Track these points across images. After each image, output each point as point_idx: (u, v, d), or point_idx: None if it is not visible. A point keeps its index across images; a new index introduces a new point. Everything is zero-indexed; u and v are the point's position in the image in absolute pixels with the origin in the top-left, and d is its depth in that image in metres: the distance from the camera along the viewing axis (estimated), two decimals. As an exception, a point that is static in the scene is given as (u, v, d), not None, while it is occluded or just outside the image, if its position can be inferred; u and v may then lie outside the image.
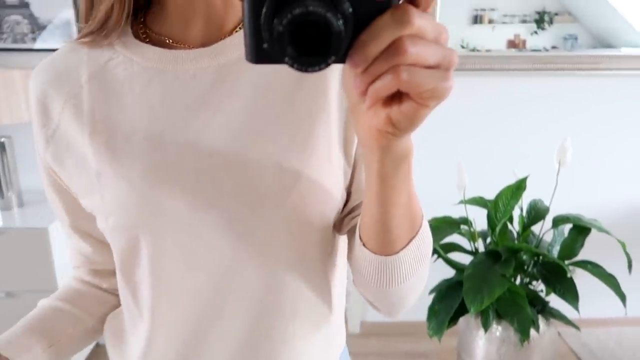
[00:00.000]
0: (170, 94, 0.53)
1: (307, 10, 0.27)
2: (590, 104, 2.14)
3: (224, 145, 0.51)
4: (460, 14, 2.39)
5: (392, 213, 0.43)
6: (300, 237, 0.54)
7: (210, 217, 0.51)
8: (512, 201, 1.68)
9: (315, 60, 0.28)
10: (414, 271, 0.49)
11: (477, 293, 1.55)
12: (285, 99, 0.52)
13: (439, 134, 2.15)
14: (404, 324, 2.33)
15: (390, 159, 0.38)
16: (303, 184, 0.51)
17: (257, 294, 0.54)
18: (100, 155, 0.52)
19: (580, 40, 2.41)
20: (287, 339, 0.57)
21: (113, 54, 0.55)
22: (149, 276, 0.55)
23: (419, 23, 0.29)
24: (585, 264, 1.67)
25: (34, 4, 1.90)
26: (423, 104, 0.32)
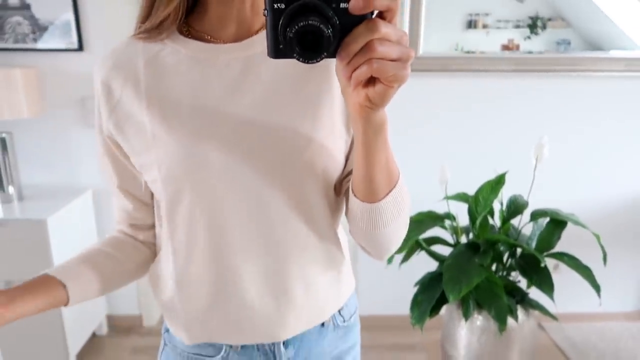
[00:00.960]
0: (209, 76, 0.68)
1: (307, 23, 0.43)
2: (572, 104, 2.20)
3: (252, 115, 0.67)
4: (455, 19, 2.45)
5: (374, 169, 0.59)
6: (312, 187, 0.69)
7: (243, 168, 0.66)
8: (491, 195, 1.74)
9: (313, 55, 0.44)
10: (394, 217, 0.65)
11: (456, 282, 1.61)
12: (297, 83, 0.69)
13: (425, 133, 2.21)
14: (392, 317, 2.39)
15: (370, 127, 0.54)
16: (314, 145, 0.67)
17: (278, 230, 0.70)
18: (155, 120, 0.68)
19: (573, 44, 2.47)
20: (302, 265, 0.72)
21: (163, 46, 0.70)
22: (189, 217, 0.69)
23: (385, 30, 0.44)
24: (562, 256, 1.73)
25: (35, 6, 1.98)
26: (389, 85, 0.47)
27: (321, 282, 0.75)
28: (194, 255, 0.71)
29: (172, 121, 0.67)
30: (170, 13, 0.67)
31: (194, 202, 0.68)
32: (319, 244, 0.73)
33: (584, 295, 2.12)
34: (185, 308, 0.75)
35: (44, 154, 2.17)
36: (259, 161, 0.66)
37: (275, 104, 0.67)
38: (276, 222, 0.69)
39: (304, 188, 0.69)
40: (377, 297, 2.39)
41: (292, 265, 0.71)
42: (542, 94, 2.19)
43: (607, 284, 1.82)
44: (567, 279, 1.99)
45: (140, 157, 0.70)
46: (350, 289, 0.84)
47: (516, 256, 1.79)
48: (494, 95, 2.19)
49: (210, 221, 0.69)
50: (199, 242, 0.70)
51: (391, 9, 0.45)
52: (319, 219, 0.72)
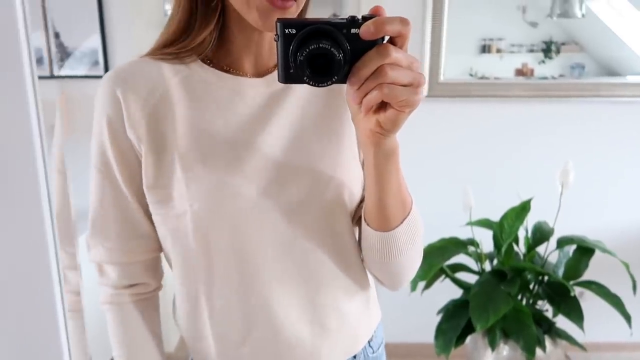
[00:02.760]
0: (239, 108, 0.68)
1: (318, 47, 0.43)
2: (593, 129, 2.19)
3: (280, 148, 0.67)
4: (468, 43, 2.47)
5: (386, 196, 0.59)
6: (339, 216, 0.69)
7: (272, 201, 0.66)
8: (516, 222, 1.73)
9: (324, 78, 0.45)
10: (409, 245, 0.64)
11: (483, 311, 1.59)
12: (319, 116, 0.70)
13: (447, 157, 2.21)
14: (414, 345, 2.34)
15: (381, 153, 0.54)
16: (339, 174, 0.67)
17: (309, 261, 0.69)
18: (187, 151, 0.65)
19: (587, 69, 2.47)
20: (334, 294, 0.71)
21: (190, 71, 0.68)
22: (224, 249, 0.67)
23: (395, 56, 0.44)
24: (590, 284, 1.70)
25: (63, 34, 2.03)
26: (401, 110, 0.47)
27: (353, 311, 0.74)
28: (227, 290, 0.69)
29: (205, 152, 0.65)
30: (206, 38, 0.66)
31: (229, 237, 0.67)
32: (348, 272, 0.72)
33: (611, 323, 2.07)
34: (218, 344, 0.72)
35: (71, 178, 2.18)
36: (287, 195, 0.66)
37: (300, 137, 0.67)
38: (307, 253, 0.68)
39: (332, 218, 0.69)
40: (398, 325, 2.35)
41: (323, 294, 0.70)
42: (563, 119, 2.18)
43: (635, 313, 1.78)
44: (592, 306, 1.95)
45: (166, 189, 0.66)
46: (378, 318, 0.82)
47: (543, 284, 1.76)
48: (516, 120, 2.19)
49: (243, 255, 0.67)
50: (233, 275, 0.68)
51: (402, 34, 0.45)
52: (346, 247, 0.72)
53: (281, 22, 0.45)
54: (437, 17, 2.04)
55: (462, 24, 2.31)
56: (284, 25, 0.45)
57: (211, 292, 0.70)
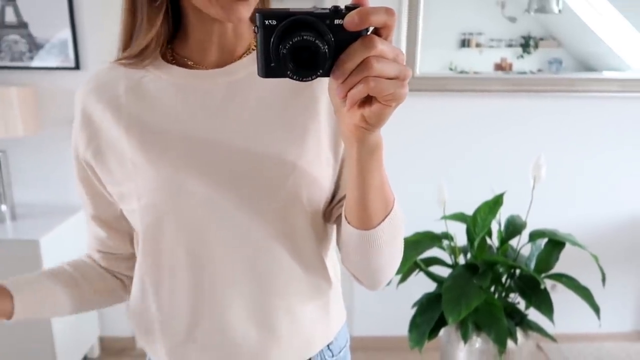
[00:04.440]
0: (191, 103, 0.66)
1: (302, 39, 0.41)
2: (567, 124, 2.22)
3: (235, 142, 0.65)
4: (448, 38, 2.48)
5: (369, 193, 0.56)
6: (296, 216, 0.67)
7: (225, 197, 0.64)
8: (489, 216, 1.74)
9: (308, 72, 0.42)
10: (390, 244, 0.62)
11: (455, 304, 1.60)
12: (282, 109, 0.67)
13: (421, 151, 2.22)
14: (389, 338, 2.36)
15: (365, 149, 0.52)
16: (298, 172, 0.65)
17: (261, 261, 0.67)
18: (135, 148, 0.65)
19: (564, 64, 2.50)
20: (286, 297, 0.69)
21: (146, 72, 0.69)
22: (170, 248, 0.67)
23: (381, 47, 0.42)
24: (560, 277, 1.73)
25: (32, 24, 1.98)
26: (387, 104, 0.45)
27: (307, 315, 0.72)
28: (175, 286, 0.69)
29: (152, 149, 0.65)
30: (151, 41, 0.65)
31: (174, 232, 0.66)
32: (304, 274, 0.70)
33: (582, 315, 2.11)
34: (165, 340, 0.72)
35: (39, 172, 2.14)
36: (241, 190, 0.65)
37: (260, 130, 0.66)
38: (260, 252, 0.67)
39: (288, 217, 0.67)
40: (373, 318, 2.37)
41: (276, 296, 0.69)
42: (538, 113, 2.20)
43: (604, 304, 1.81)
44: (564, 298, 1.98)
45: (120, 186, 0.68)
46: (341, 322, 0.80)
47: (515, 277, 1.78)
48: (491, 115, 2.20)
49: (192, 252, 0.66)
50: (181, 273, 0.68)
51: (388, 25, 0.43)
52: (304, 248, 0.69)
53: (261, 12, 0.43)
54: (413, 10, 2.03)
55: (442, 19, 2.32)
56: (264, 16, 0.43)
57: (158, 288, 0.70)
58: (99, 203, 0.74)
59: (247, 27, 0.70)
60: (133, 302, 0.76)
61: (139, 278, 0.73)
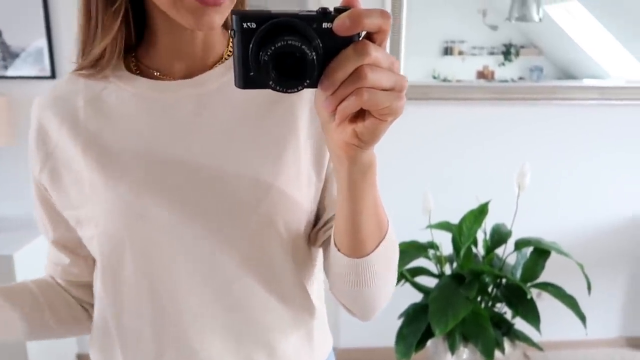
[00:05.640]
0: (155, 118, 0.60)
1: (286, 44, 0.35)
2: (551, 131, 2.22)
3: (203, 162, 0.58)
4: (431, 45, 2.49)
5: (360, 217, 0.50)
6: (271, 243, 0.60)
7: (191, 223, 0.58)
8: (475, 225, 1.73)
9: (293, 83, 0.37)
10: (384, 272, 0.56)
11: (442, 315, 1.58)
12: (257, 124, 0.60)
13: (406, 160, 2.20)
14: (376, 350, 2.33)
15: (357, 169, 0.46)
16: (274, 195, 0.58)
17: (235, 294, 0.61)
18: (92, 168, 0.59)
19: (545, 72, 2.52)
20: (264, 330, 0.63)
21: (107, 84, 0.62)
22: (131, 278, 0.60)
23: (375, 54, 0.37)
24: (546, 286, 1.72)
25: (6, 32, 1.92)
26: (382, 119, 0.39)
27: (290, 349, 0.65)
28: (139, 321, 0.62)
29: (110, 170, 0.59)
30: (106, 49, 0.59)
31: (135, 263, 0.59)
32: (283, 306, 0.64)
33: (567, 322, 2.10)
34: None
35: (13, 185, 2.07)
36: (208, 215, 0.58)
37: (231, 148, 0.59)
38: (232, 285, 0.60)
39: (262, 245, 0.60)
40: (359, 330, 2.33)
41: (252, 332, 0.63)
42: (520, 121, 2.21)
43: (590, 311, 1.81)
44: (549, 306, 1.98)
45: (77, 210, 0.62)
46: (326, 350, 0.73)
47: (501, 287, 1.76)
48: (474, 123, 2.20)
49: (157, 286, 0.60)
50: (145, 309, 0.61)
51: (382, 29, 0.37)
52: (282, 278, 0.63)
53: (238, 14, 0.37)
54: (395, 18, 2.03)
55: (425, 27, 2.32)
56: (242, 18, 0.37)
57: (121, 324, 0.63)
58: (59, 227, 0.67)
59: (219, 34, 0.65)
60: (94, 336, 0.69)
61: (99, 312, 0.67)
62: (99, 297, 0.66)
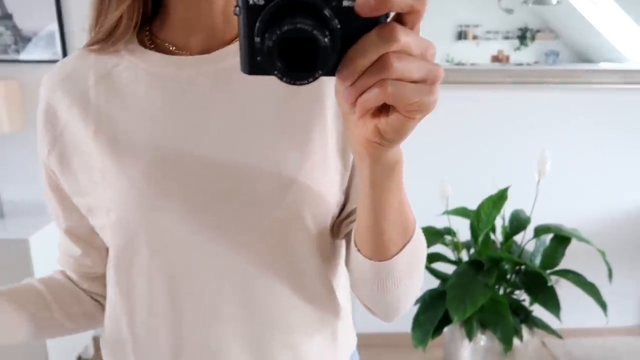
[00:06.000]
0: (170, 97, 0.55)
1: (294, 27, 0.29)
2: (569, 116, 2.18)
3: (222, 146, 0.53)
4: (445, 30, 2.44)
5: (384, 219, 0.45)
6: (297, 235, 0.55)
7: (207, 216, 0.53)
8: (493, 211, 1.70)
9: (303, 74, 0.31)
10: (407, 277, 0.51)
11: (460, 302, 1.56)
12: (281, 104, 0.55)
13: (423, 145, 2.16)
14: (391, 335, 2.32)
15: (379, 168, 0.40)
16: (299, 185, 0.53)
17: (256, 291, 0.56)
18: (104, 152, 0.55)
19: (561, 56, 2.47)
20: (287, 331, 0.58)
21: (119, 60, 0.58)
22: (146, 272, 0.56)
23: (404, 40, 0.31)
24: (567, 273, 1.69)
25: (18, 16, 1.90)
26: (409, 116, 0.34)
27: (314, 350, 0.60)
28: (153, 319, 0.58)
29: (123, 155, 0.54)
30: (121, 18, 0.55)
31: (151, 255, 0.55)
32: (308, 305, 0.59)
33: (586, 310, 2.08)
34: None
35: (27, 169, 2.07)
36: (228, 205, 0.53)
37: (252, 131, 0.54)
38: (252, 282, 0.55)
39: (287, 237, 0.55)
40: (374, 315, 2.33)
41: (274, 332, 0.57)
42: (539, 106, 2.16)
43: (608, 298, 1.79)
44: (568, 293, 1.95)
45: (87, 198, 0.57)
46: (350, 350, 0.68)
47: (520, 274, 1.74)
48: (492, 107, 2.16)
49: (172, 281, 0.55)
50: (160, 305, 0.57)
51: (415, 9, 0.32)
52: (307, 274, 0.58)
53: None
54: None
55: (438, 10, 2.27)
56: None
57: (133, 321, 0.59)
58: (71, 214, 0.62)
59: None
60: (106, 334, 0.65)
61: (111, 307, 0.63)
62: (111, 291, 0.62)
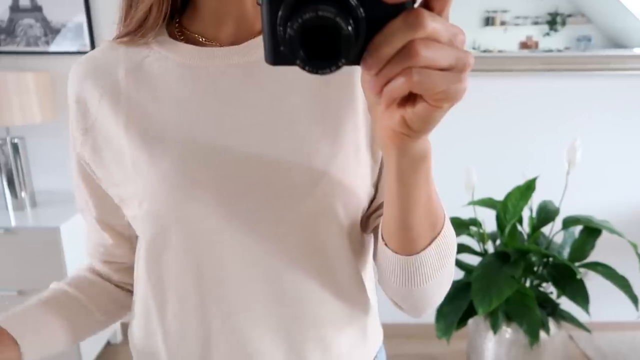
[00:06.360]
0: (201, 88, 0.55)
1: (316, 15, 0.29)
2: (600, 104, 2.11)
3: (253, 137, 0.53)
4: (471, 16, 2.38)
5: (412, 212, 0.44)
6: (327, 228, 0.55)
7: (238, 207, 0.53)
8: (521, 202, 1.67)
9: (325, 63, 0.30)
10: (436, 272, 0.50)
11: (485, 294, 1.54)
12: (312, 95, 0.54)
13: (449, 134, 2.14)
14: (414, 326, 2.31)
15: (407, 160, 0.39)
16: (331, 176, 0.53)
17: (286, 284, 0.56)
18: (135, 143, 0.55)
19: (593, 42, 2.38)
20: (317, 324, 0.58)
21: (149, 52, 0.58)
22: (177, 263, 0.56)
23: (432, 26, 0.30)
24: (596, 266, 1.65)
25: (47, 8, 1.93)
26: (436, 105, 0.33)
27: (344, 344, 0.60)
28: (183, 311, 0.58)
29: (154, 146, 0.54)
30: (151, 9, 0.55)
31: (182, 246, 0.55)
32: (339, 298, 0.59)
33: (614, 303, 2.03)
34: None
35: (57, 158, 2.12)
36: (261, 196, 0.53)
37: (282, 122, 0.54)
38: (283, 275, 0.55)
39: (318, 230, 0.55)
40: (397, 305, 2.32)
41: (305, 324, 0.57)
42: (570, 94, 2.10)
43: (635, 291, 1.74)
44: (595, 285, 1.91)
45: (119, 188, 0.58)
46: (378, 343, 0.67)
47: (548, 266, 1.71)
48: (520, 95, 2.11)
49: (202, 270, 0.56)
50: (189, 295, 0.57)
51: None
52: (338, 267, 0.57)
53: None
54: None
55: (464, -4, 2.22)
56: None
57: (164, 313, 0.60)
58: (104, 206, 0.63)
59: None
60: (135, 326, 0.65)
61: (142, 299, 0.63)
62: (142, 281, 0.62)
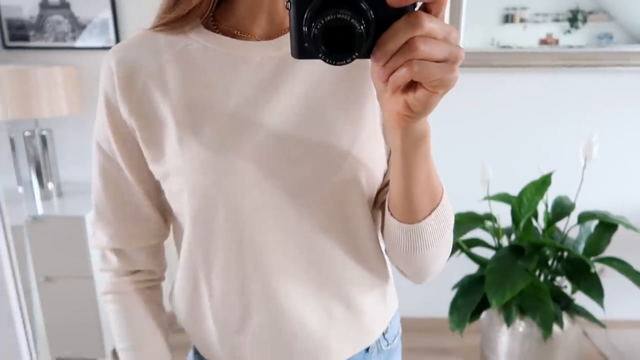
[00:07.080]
0: (242, 75, 0.61)
1: (335, 17, 0.37)
2: (618, 100, 2.10)
3: (287, 120, 0.60)
4: (490, 13, 2.37)
5: (414, 186, 0.53)
6: (352, 199, 0.63)
7: (276, 180, 0.60)
8: (536, 197, 1.67)
9: (342, 56, 0.38)
10: (436, 239, 0.58)
11: (499, 287, 1.56)
12: (334, 87, 0.62)
13: (465, 129, 2.15)
14: (428, 320, 2.33)
15: (409, 139, 0.48)
16: (355, 154, 0.61)
17: (316, 249, 0.63)
18: (182, 124, 0.61)
19: (615, 39, 2.36)
20: (343, 285, 0.66)
21: (188, 41, 0.63)
22: (222, 232, 0.62)
23: (429, 26, 0.38)
24: (611, 261, 1.65)
25: (75, 5, 2.00)
26: (433, 91, 0.41)
27: (367, 303, 0.69)
28: (226, 273, 0.65)
29: (201, 125, 0.60)
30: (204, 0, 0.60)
31: (226, 217, 0.61)
32: (362, 262, 0.66)
33: (630, 300, 2.02)
34: (218, 329, 0.68)
35: (83, 151, 2.19)
36: (295, 172, 0.60)
37: (312, 108, 0.61)
38: (313, 239, 0.63)
39: (345, 201, 0.62)
40: (413, 299, 2.33)
41: (333, 285, 0.65)
42: (588, 89, 2.09)
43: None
44: (611, 282, 1.90)
45: (164, 165, 0.63)
46: (394, 309, 0.76)
47: (562, 260, 1.71)
48: (538, 91, 2.11)
49: (242, 237, 0.62)
50: (234, 262, 0.64)
51: (437, 0, 0.38)
52: (361, 234, 0.65)
53: None
54: (456, -17, 1.95)
55: (484, -7, 2.22)
56: None
57: (210, 275, 0.66)
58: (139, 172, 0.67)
59: None
60: (180, 291, 0.72)
61: (189, 268, 0.69)
62: (187, 252, 0.67)
